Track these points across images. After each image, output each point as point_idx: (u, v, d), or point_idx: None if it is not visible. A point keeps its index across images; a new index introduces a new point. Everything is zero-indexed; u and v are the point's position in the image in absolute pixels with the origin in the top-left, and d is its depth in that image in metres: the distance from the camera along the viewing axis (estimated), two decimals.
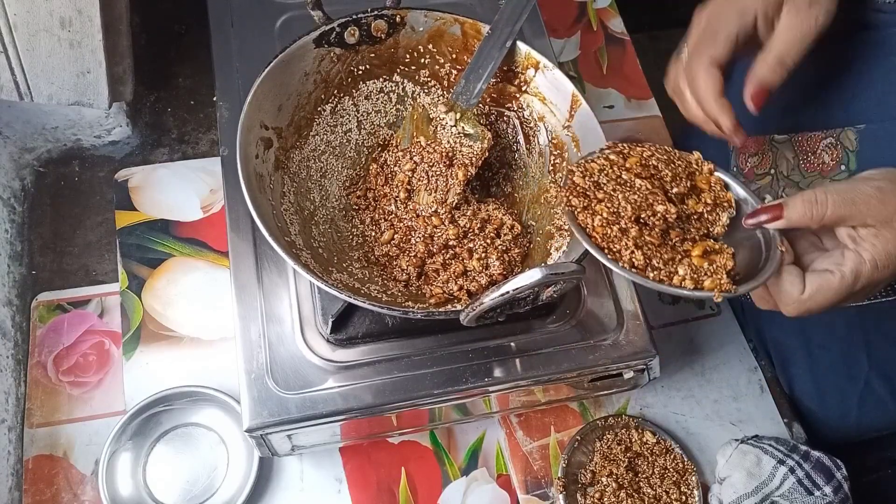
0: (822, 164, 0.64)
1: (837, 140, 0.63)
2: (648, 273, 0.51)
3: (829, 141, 0.64)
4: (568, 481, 0.72)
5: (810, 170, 0.65)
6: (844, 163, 0.62)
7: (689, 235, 0.55)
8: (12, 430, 0.71)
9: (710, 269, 0.52)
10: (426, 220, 0.64)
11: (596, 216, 0.53)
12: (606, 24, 1.05)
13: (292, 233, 0.61)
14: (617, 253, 0.52)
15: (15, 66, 0.71)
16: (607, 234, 0.53)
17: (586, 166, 0.57)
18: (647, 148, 0.58)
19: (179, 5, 0.96)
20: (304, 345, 0.63)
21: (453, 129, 0.66)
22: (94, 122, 0.86)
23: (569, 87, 0.65)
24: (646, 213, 0.53)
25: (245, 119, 0.59)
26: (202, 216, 0.84)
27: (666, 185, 0.56)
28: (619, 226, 0.53)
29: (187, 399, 0.72)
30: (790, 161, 0.66)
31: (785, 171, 0.66)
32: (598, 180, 0.56)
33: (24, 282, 0.79)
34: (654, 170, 0.56)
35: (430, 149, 0.66)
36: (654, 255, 0.52)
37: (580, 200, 0.55)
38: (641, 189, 0.54)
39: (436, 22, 0.68)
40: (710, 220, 0.56)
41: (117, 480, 0.69)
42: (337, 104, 0.69)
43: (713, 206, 0.56)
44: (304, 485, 0.72)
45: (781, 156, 0.67)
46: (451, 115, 0.66)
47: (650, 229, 0.53)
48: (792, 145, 0.66)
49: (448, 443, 0.75)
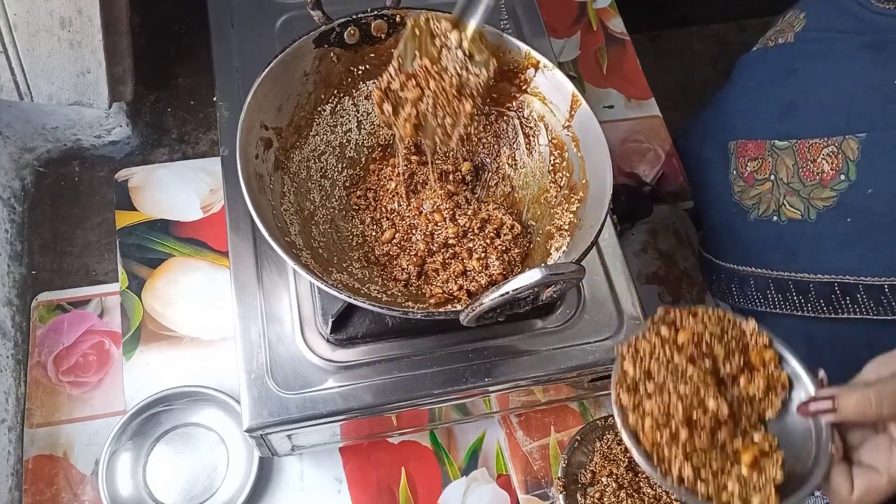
0: (821, 172, 0.63)
1: (839, 148, 0.62)
2: (698, 488, 0.49)
3: (831, 149, 0.63)
4: (568, 481, 0.72)
5: (810, 178, 0.64)
6: (844, 172, 0.62)
7: (741, 426, 0.52)
8: (12, 430, 0.71)
9: (759, 481, 0.50)
10: (427, 217, 0.64)
11: (646, 417, 0.50)
12: (606, 24, 1.05)
13: (292, 233, 0.61)
14: (666, 462, 0.49)
15: (15, 66, 0.71)
16: (657, 441, 0.50)
17: (637, 346, 0.53)
18: (700, 316, 0.54)
19: (179, 5, 0.96)
20: (304, 345, 0.63)
21: (458, 52, 0.61)
22: (94, 122, 0.86)
23: (569, 87, 0.65)
24: (697, 412, 0.50)
25: (245, 119, 0.59)
26: (202, 216, 0.84)
27: (718, 365, 0.53)
28: (670, 429, 0.50)
29: (187, 399, 0.72)
30: (790, 168, 0.65)
31: (785, 178, 0.66)
32: (650, 367, 0.52)
33: (24, 282, 0.79)
34: (707, 347, 0.53)
35: (436, 74, 0.60)
36: (703, 465, 0.50)
37: (630, 396, 0.51)
38: (693, 378, 0.51)
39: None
40: (763, 405, 0.53)
41: (117, 480, 0.69)
42: (337, 104, 0.69)
43: (766, 389, 0.53)
44: (304, 485, 0.72)
45: (782, 162, 0.66)
46: (456, 34, 0.62)
47: (700, 429, 0.50)
48: (793, 152, 0.66)
49: (448, 443, 0.75)
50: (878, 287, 0.60)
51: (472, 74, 0.61)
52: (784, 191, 0.66)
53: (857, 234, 0.61)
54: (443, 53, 0.61)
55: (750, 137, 0.69)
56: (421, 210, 0.65)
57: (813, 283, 0.65)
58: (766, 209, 0.66)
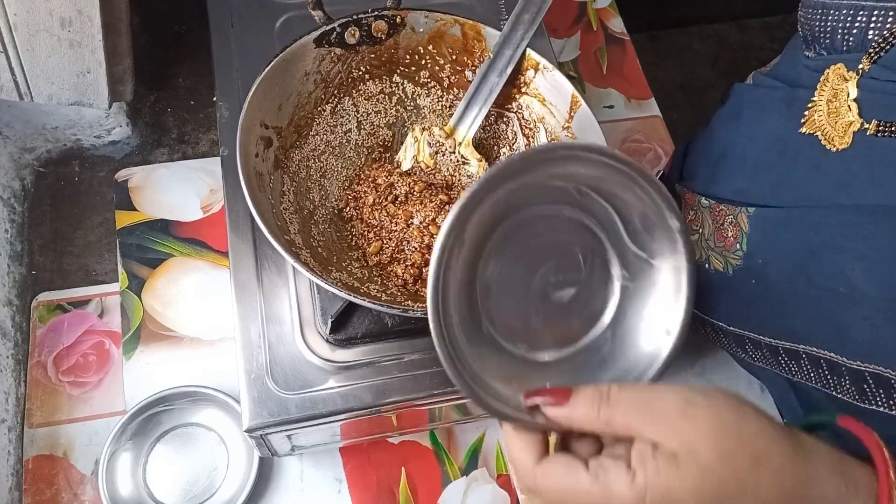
0: (726, 238, 0.64)
1: (736, 219, 0.62)
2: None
3: (730, 219, 0.63)
4: None
5: (720, 241, 0.65)
6: (739, 241, 0.62)
7: None
8: (12, 430, 0.71)
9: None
10: (421, 231, 0.63)
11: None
12: (606, 24, 1.05)
13: (292, 232, 0.61)
14: None
15: (15, 66, 0.71)
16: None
17: None
18: None
19: (179, 5, 0.97)
20: (304, 345, 0.63)
21: (452, 155, 0.67)
22: (94, 122, 0.86)
23: (568, 89, 0.65)
24: None
25: (245, 118, 0.59)
26: (202, 216, 0.84)
27: None
28: None
29: (187, 399, 0.72)
30: (710, 227, 0.66)
31: (706, 234, 0.67)
32: None
33: (24, 282, 0.79)
34: None
35: (430, 176, 0.67)
36: None
37: None
38: None
39: (436, 23, 0.68)
40: None
41: (117, 480, 0.69)
42: (337, 104, 0.69)
43: None
44: (304, 485, 0.72)
45: (705, 219, 0.67)
46: (450, 141, 0.67)
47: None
48: (710, 212, 0.66)
49: (448, 443, 0.75)
50: (774, 347, 0.61)
51: (464, 176, 0.66)
52: (704, 246, 0.67)
53: (758, 297, 0.62)
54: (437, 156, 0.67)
55: (690, 188, 0.70)
56: (410, 223, 0.64)
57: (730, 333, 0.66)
58: (700, 256, 0.67)
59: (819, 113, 0.57)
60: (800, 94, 0.60)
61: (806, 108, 0.58)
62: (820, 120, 0.56)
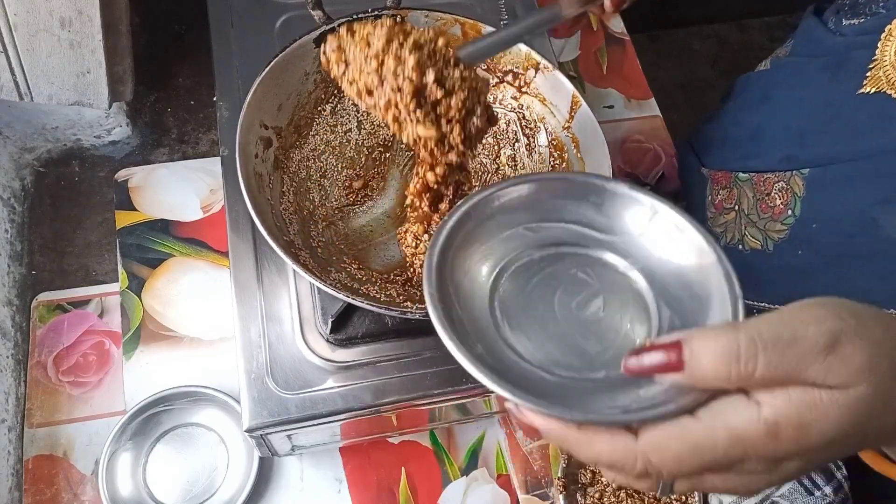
0: (774, 206, 0.64)
1: (787, 184, 0.63)
2: None
3: (781, 185, 0.63)
4: (568, 481, 0.72)
5: (765, 211, 0.65)
6: (791, 207, 0.62)
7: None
8: (12, 430, 0.71)
9: None
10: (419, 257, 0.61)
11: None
12: (606, 24, 1.05)
13: (291, 232, 0.61)
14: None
15: (15, 66, 0.71)
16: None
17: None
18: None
19: (179, 5, 0.96)
20: (304, 345, 0.63)
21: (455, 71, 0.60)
22: (94, 122, 0.86)
23: (569, 88, 0.65)
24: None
25: (245, 118, 0.59)
26: (202, 216, 0.84)
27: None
28: None
29: (187, 399, 0.72)
30: (750, 199, 0.66)
31: (746, 209, 0.67)
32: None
33: (24, 282, 0.79)
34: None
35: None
36: None
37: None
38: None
39: (436, 22, 0.68)
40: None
41: (117, 480, 0.69)
42: (337, 104, 0.69)
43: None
44: (304, 485, 0.72)
45: (744, 193, 0.67)
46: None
47: None
48: (752, 184, 0.66)
49: (448, 443, 0.75)
50: None
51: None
52: (745, 221, 0.67)
53: (809, 266, 0.62)
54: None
55: (720, 168, 0.70)
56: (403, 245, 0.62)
57: None
58: (731, 238, 0.67)
59: (885, 69, 0.58)
60: (853, 56, 0.60)
61: (867, 68, 0.59)
62: (888, 74, 0.57)
